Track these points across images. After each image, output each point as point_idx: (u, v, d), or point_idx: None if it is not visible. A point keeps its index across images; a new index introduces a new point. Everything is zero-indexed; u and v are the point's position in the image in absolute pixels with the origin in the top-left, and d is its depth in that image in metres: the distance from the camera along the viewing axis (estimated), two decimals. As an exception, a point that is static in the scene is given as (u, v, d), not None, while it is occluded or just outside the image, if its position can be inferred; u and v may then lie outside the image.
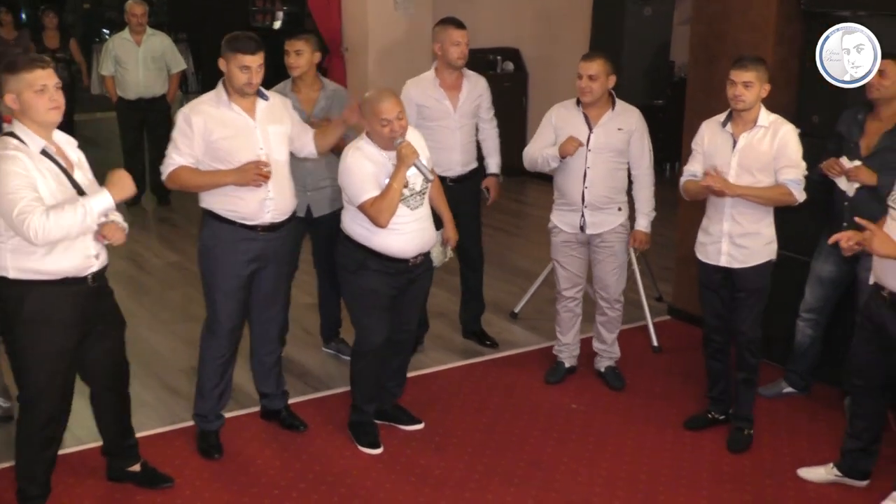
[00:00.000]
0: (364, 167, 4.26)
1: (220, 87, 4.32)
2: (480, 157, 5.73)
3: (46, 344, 3.76)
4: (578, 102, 5.00)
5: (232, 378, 4.63)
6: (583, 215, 5.04)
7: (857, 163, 4.54)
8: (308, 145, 4.61)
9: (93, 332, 3.91)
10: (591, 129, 4.96)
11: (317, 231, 5.33)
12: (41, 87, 3.60)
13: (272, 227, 4.40)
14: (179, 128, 4.27)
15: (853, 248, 3.89)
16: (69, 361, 3.87)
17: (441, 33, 5.41)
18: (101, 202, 3.66)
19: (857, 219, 3.83)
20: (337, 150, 5.14)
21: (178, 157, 4.27)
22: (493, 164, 5.75)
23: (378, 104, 4.24)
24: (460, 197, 5.30)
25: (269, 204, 4.34)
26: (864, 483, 4.33)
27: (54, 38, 9.96)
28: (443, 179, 5.44)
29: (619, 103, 5.02)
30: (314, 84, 5.13)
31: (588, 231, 5.07)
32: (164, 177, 4.32)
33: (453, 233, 4.71)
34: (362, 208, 4.25)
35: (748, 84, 4.37)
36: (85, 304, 3.82)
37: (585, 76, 4.86)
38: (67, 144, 3.84)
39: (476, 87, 5.56)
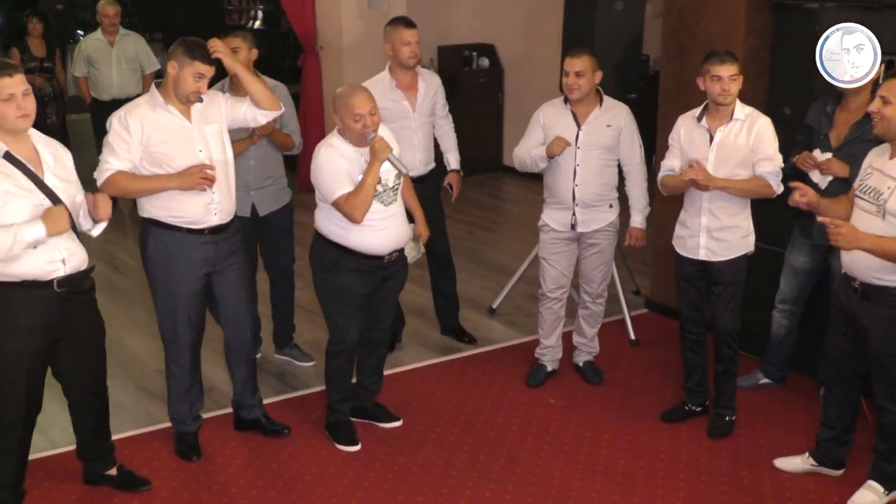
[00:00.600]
0: (337, 163, 4.24)
1: (153, 90, 4.23)
2: (438, 156, 5.71)
3: (7, 347, 3.74)
4: (566, 100, 4.96)
5: (202, 381, 4.61)
6: (574, 213, 5.01)
7: (829, 155, 4.57)
8: (253, 112, 4.42)
9: (65, 337, 3.88)
10: (579, 126, 4.92)
11: (265, 231, 5.25)
12: (8, 96, 3.56)
13: (219, 230, 4.33)
14: (115, 131, 4.12)
15: (802, 203, 4.02)
16: (33, 366, 3.83)
17: (391, 33, 5.37)
18: (33, 232, 3.60)
19: (820, 219, 3.85)
20: (280, 147, 5.13)
21: (115, 161, 4.11)
22: (453, 159, 5.72)
23: (351, 99, 4.22)
24: (423, 196, 5.27)
25: (215, 207, 4.27)
26: (839, 472, 4.36)
27: (40, 45, 9.21)
28: None
29: (607, 99, 5.00)
30: None
31: (579, 229, 5.04)
32: (99, 183, 4.13)
33: (425, 228, 4.69)
34: (336, 204, 4.24)
35: (734, 77, 4.38)
36: (49, 309, 3.77)
37: (572, 73, 4.81)
38: (44, 146, 3.79)
39: (431, 85, 5.54)
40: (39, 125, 3.98)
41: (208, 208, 4.26)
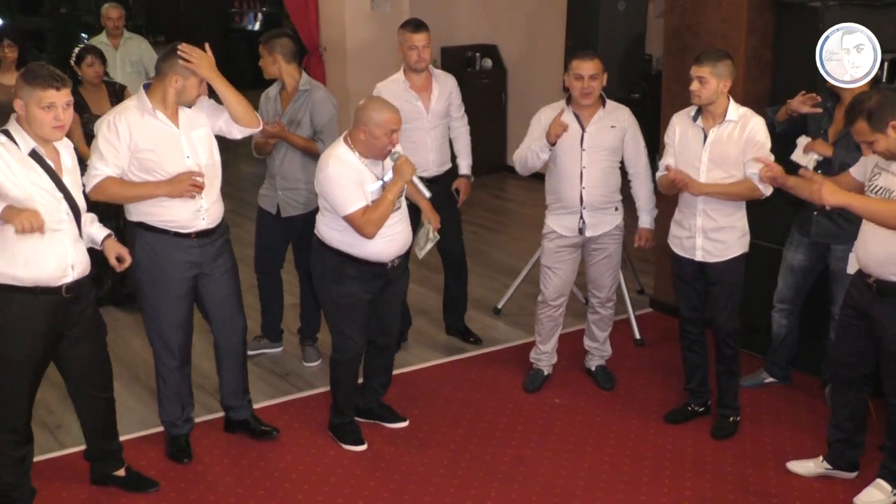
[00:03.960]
0: (348, 177, 4.20)
1: (141, 93, 4.19)
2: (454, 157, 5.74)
3: (10, 351, 3.77)
4: (568, 102, 4.91)
5: (191, 384, 4.62)
6: (581, 217, 4.96)
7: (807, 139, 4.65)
8: (229, 126, 4.35)
9: (67, 339, 3.90)
10: (583, 128, 4.88)
11: (290, 231, 5.35)
12: (48, 105, 3.61)
13: (206, 233, 4.33)
14: (104, 136, 4.10)
15: (770, 176, 4.10)
16: (34, 369, 3.86)
17: (400, 37, 5.43)
18: None
19: (801, 171, 3.94)
20: (301, 149, 5.16)
21: (104, 167, 4.10)
22: (465, 165, 5.73)
23: (386, 114, 4.18)
24: (437, 197, 5.27)
25: (203, 212, 4.27)
26: (853, 475, 4.34)
27: (103, 96, 6.39)
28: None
29: (610, 102, 4.96)
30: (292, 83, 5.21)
31: (588, 233, 4.98)
32: (87, 189, 4.09)
33: (433, 213, 4.66)
34: (350, 219, 4.20)
35: (702, 80, 4.37)
36: (55, 313, 3.80)
37: (587, 76, 4.73)
38: (65, 148, 3.83)
39: (445, 87, 5.56)
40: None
41: (196, 213, 4.25)
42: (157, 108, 4.17)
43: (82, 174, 4.02)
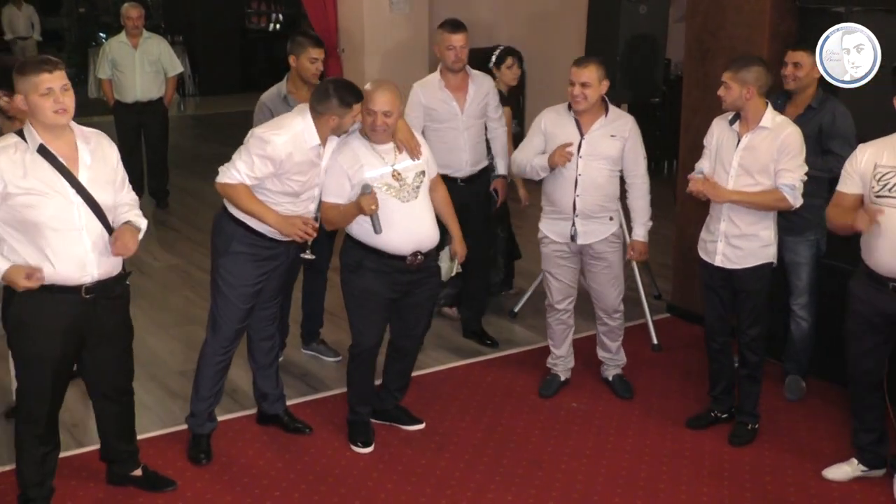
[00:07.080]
0: (341, 168, 4.29)
1: (311, 125, 4.22)
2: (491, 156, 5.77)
3: (31, 348, 3.78)
4: (570, 107, 4.85)
5: (225, 380, 4.63)
6: (573, 224, 4.89)
7: None
8: None
9: (90, 341, 3.89)
10: (582, 135, 4.82)
11: None
12: (46, 90, 3.58)
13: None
14: (263, 150, 4.16)
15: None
16: (56, 368, 3.84)
17: (438, 36, 5.46)
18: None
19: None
20: None
21: (247, 175, 4.19)
22: (502, 165, 5.76)
23: (370, 94, 4.27)
24: (470, 196, 5.29)
25: None
26: (883, 471, 4.36)
27: None
28: (453, 180, 5.45)
29: (613, 110, 4.88)
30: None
31: (579, 241, 4.92)
32: (220, 179, 4.24)
33: (461, 247, 4.67)
34: (321, 205, 4.38)
35: (725, 84, 4.39)
36: (75, 314, 3.78)
37: (578, 83, 4.69)
38: (84, 142, 3.76)
39: (482, 88, 5.58)
40: None
41: None
42: (322, 142, 4.26)
43: None
